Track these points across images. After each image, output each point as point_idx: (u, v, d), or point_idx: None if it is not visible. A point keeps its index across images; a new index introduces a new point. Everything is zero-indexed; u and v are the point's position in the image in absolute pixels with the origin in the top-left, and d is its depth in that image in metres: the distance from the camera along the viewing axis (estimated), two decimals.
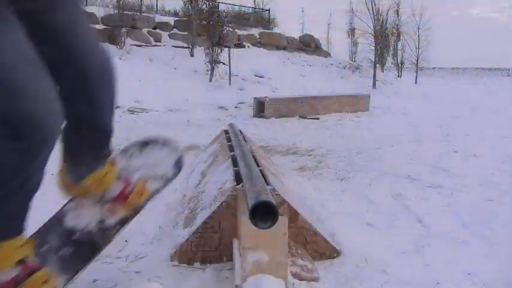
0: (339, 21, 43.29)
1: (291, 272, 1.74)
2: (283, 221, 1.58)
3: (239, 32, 14.21)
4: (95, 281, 1.80)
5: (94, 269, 1.90)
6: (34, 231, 1.44)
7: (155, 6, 14.91)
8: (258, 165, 2.34)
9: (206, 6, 11.33)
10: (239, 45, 13.61)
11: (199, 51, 11.34)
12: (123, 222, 1.50)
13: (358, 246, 2.11)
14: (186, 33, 12.38)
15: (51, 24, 1.14)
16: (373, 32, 15.49)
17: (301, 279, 1.75)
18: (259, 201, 1.47)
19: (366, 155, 4.48)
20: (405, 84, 15.22)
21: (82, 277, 1.82)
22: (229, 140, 3.30)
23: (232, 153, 2.72)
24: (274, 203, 1.49)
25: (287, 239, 1.62)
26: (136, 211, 1.53)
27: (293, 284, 1.68)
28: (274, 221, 1.47)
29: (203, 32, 11.00)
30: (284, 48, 15.01)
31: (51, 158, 1.17)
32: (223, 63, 10.72)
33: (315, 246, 2.02)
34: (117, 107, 8.28)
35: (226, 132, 3.73)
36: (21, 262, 1.20)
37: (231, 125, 4.18)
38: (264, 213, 1.47)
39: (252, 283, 1.55)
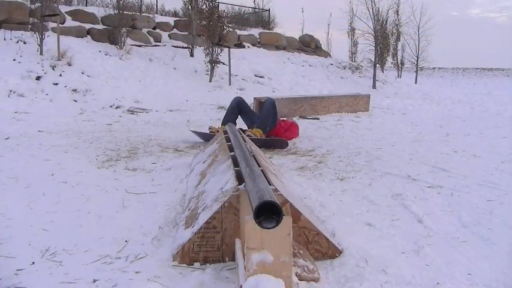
0: (339, 21, 43.31)
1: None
2: (287, 221, 1.58)
3: (239, 32, 14.21)
4: (94, 281, 1.79)
5: (94, 269, 1.90)
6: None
7: (155, 6, 14.88)
8: (258, 165, 2.34)
9: (206, 6, 11.31)
10: (239, 45, 13.61)
11: (199, 51, 11.34)
12: None
13: (358, 246, 2.11)
14: (186, 33, 12.38)
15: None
16: (373, 32, 15.45)
17: (301, 279, 1.75)
18: (264, 201, 1.47)
19: (365, 155, 4.48)
20: (405, 84, 15.19)
21: (82, 277, 1.82)
22: (228, 140, 3.29)
23: (232, 153, 2.72)
24: (278, 203, 1.49)
25: (291, 239, 1.62)
26: None
27: (297, 284, 1.67)
28: (279, 221, 1.47)
29: (203, 32, 10.98)
30: (284, 48, 15.00)
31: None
32: (223, 63, 10.71)
33: (317, 246, 2.02)
34: (117, 107, 8.30)
35: (225, 132, 3.73)
36: None
37: (229, 124, 4.18)
38: (269, 213, 1.47)
39: (251, 283, 1.54)
